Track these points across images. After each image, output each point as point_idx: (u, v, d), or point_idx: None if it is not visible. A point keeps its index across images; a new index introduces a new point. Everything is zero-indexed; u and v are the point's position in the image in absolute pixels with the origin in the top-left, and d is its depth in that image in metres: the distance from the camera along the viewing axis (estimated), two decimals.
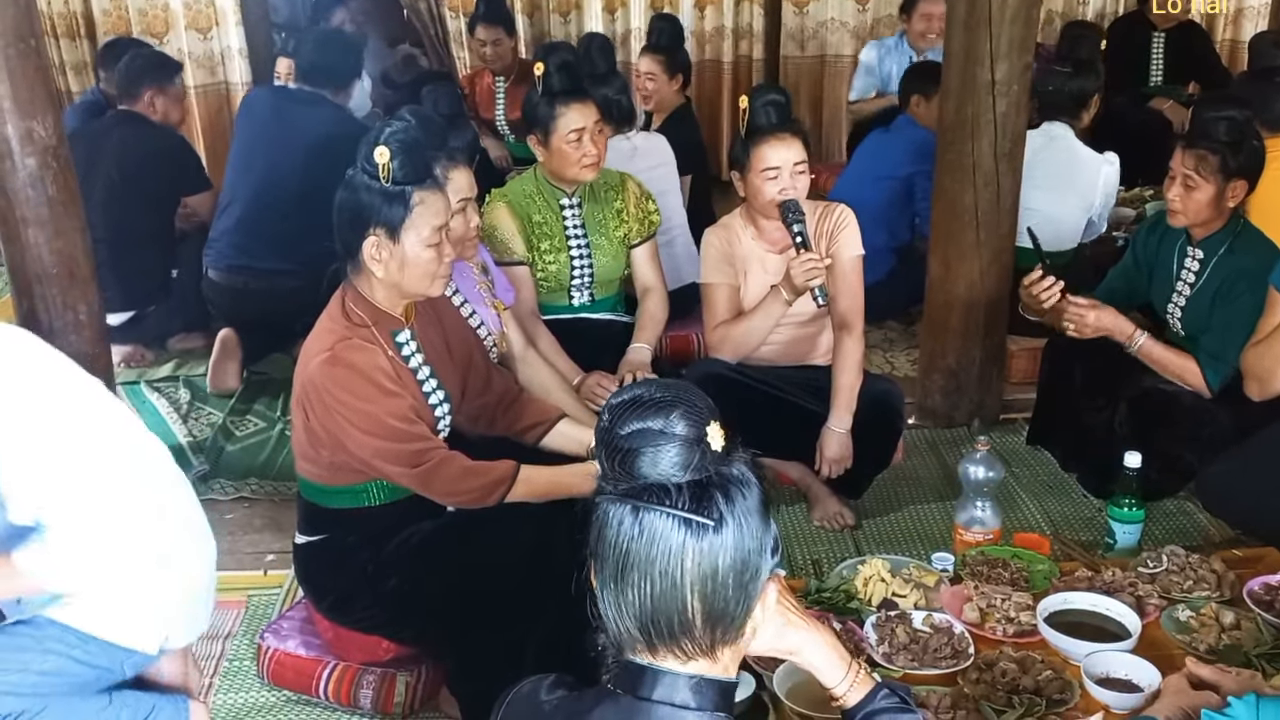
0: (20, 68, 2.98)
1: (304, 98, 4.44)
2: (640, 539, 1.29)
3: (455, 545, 2.46)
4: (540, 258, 3.43)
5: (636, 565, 1.30)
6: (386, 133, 2.34)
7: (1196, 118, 3.14)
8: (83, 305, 3.26)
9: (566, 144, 3.32)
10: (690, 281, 4.10)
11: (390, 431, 2.37)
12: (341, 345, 2.37)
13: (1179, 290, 3.27)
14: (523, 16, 6.74)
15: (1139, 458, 2.72)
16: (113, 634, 2.23)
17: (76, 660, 2.19)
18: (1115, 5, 7.00)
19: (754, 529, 1.32)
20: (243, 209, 4.29)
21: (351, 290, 2.45)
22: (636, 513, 1.30)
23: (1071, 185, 4.17)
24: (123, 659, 2.26)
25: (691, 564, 1.29)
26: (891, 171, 4.71)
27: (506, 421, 2.75)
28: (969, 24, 3.44)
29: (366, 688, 2.60)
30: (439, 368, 2.58)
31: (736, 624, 1.35)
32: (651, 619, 1.31)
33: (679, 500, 1.29)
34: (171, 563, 2.30)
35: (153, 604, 2.28)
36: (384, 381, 2.37)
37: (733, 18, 6.92)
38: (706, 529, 1.29)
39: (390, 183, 2.32)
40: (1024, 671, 2.13)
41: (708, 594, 1.30)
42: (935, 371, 3.90)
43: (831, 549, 3.19)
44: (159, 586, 2.28)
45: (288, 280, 4.08)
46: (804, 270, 2.96)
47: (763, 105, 3.02)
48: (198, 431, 3.97)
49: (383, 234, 2.35)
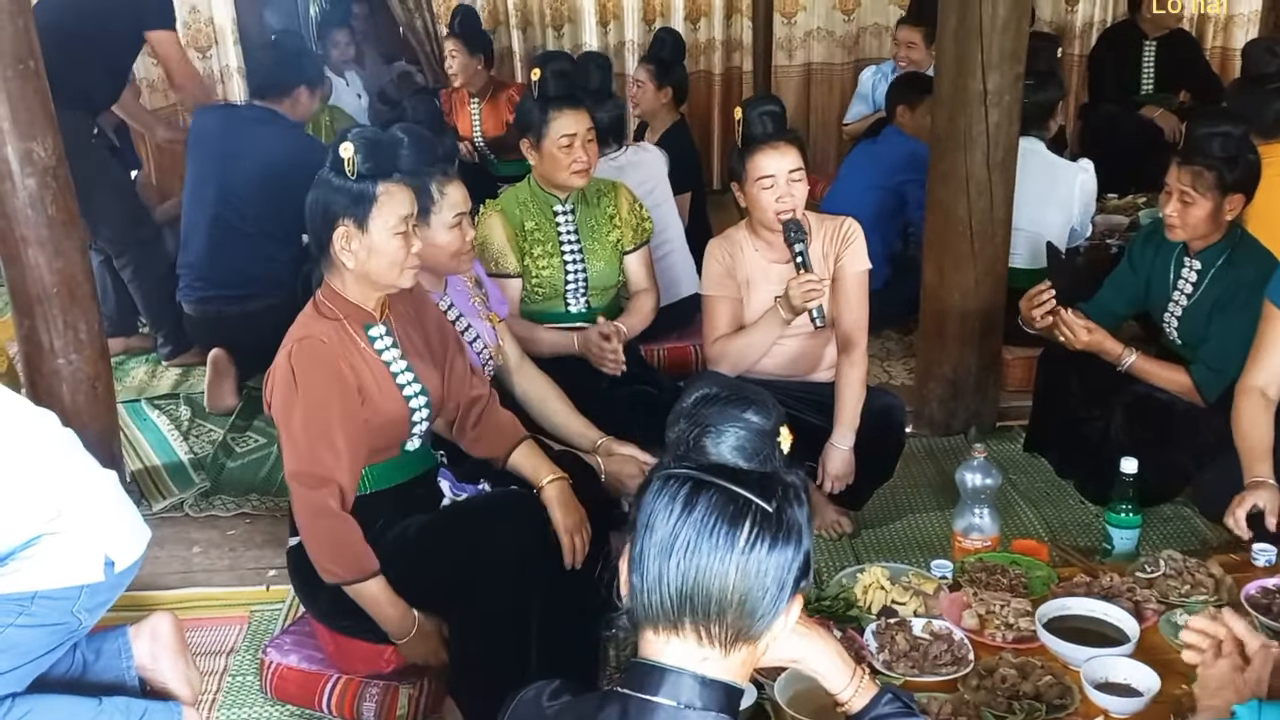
0: (19, 89, 3.00)
1: (253, 115, 4.40)
2: (697, 510, 1.32)
3: (454, 538, 2.48)
4: (534, 264, 3.46)
5: (689, 538, 1.32)
6: (353, 132, 2.45)
7: (1191, 133, 3.15)
8: (83, 325, 3.27)
9: (558, 149, 3.37)
10: (688, 295, 4.14)
11: (295, 436, 2.41)
12: (303, 339, 2.44)
13: (1176, 300, 3.30)
14: (517, 31, 6.78)
15: (1135, 463, 2.73)
16: (49, 580, 2.20)
17: (24, 626, 2.18)
18: (1105, 14, 7.05)
19: (801, 536, 1.35)
20: (202, 239, 4.26)
21: (325, 287, 2.52)
22: (700, 487, 1.33)
23: (1051, 197, 4.20)
24: (70, 606, 2.23)
25: (744, 544, 1.31)
26: (882, 181, 4.75)
27: (473, 436, 2.78)
28: (960, 35, 3.47)
29: (370, 700, 2.61)
30: (417, 365, 2.61)
31: (763, 622, 1.35)
32: (691, 594, 1.32)
33: (745, 481, 1.33)
34: (77, 485, 2.30)
35: (75, 530, 2.26)
36: (317, 389, 2.41)
37: (723, 30, 6.97)
38: (767, 515, 1.32)
39: (356, 177, 2.41)
40: (1024, 677, 2.14)
41: (750, 576, 1.32)
42: (932, 380, 3.92)
43: (830, 557, 3.21)
44: (76, 511, 2.26)
45: (260, 301, 4.09)
46: (803, 291, 2.97)
47: (758, 115, 3.04)
48: (199, 448, 3.99)
49: (351, 224, 2.43)
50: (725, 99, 7.08)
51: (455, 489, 2.70)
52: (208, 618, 3.05)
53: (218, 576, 3.24)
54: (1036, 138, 4.19)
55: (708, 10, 6.96)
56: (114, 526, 2.37)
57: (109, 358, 3.49)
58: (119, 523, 2.39)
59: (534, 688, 1.51)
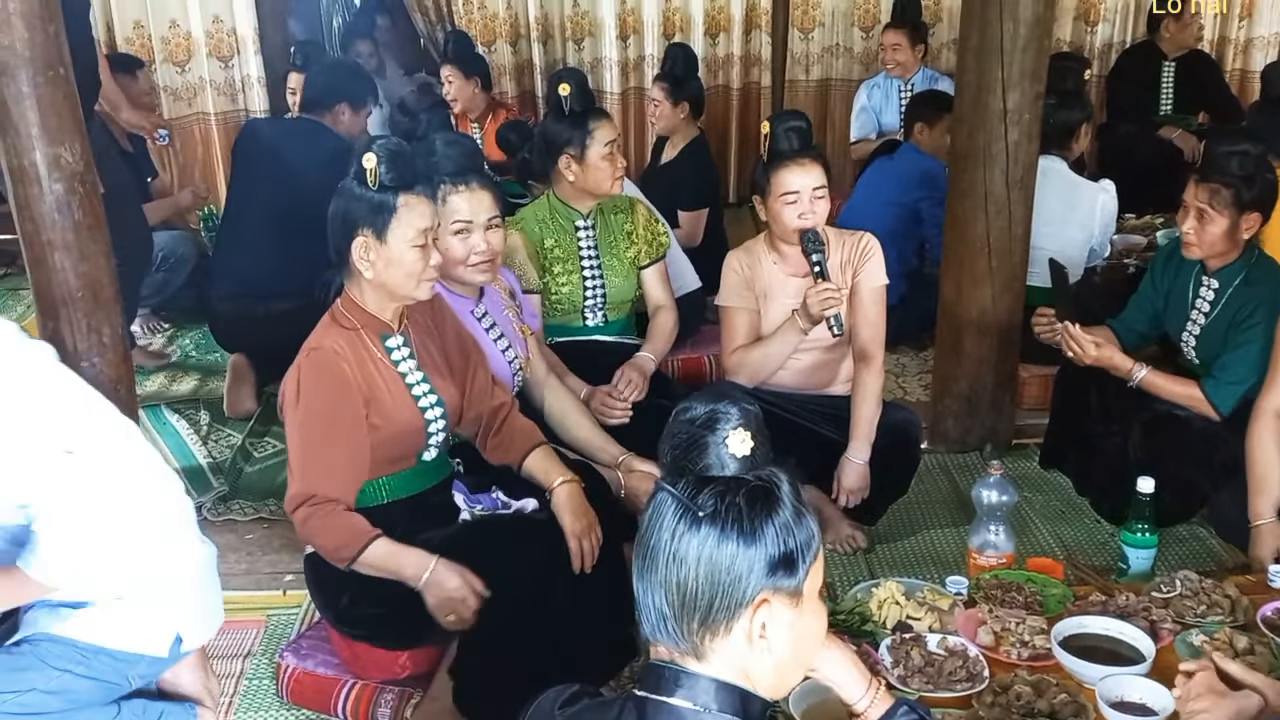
0: (49, 95, 3.03)
1: (296, 126, 4.48)
2: (651, 516, 1.39)
3: (478, 550, 2.48)
4: (554, 280, 3.48)
5: (643, 539, 1.39)
6: (376, 143, 2.45)
7: (1209, 151, 3.17)
8: (106, 328, 3.29)
9: (603, 158, 3.40)
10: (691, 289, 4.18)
11: (293, 451, 2.44)
12: (317, 348, 2.45)
13: (1193, 319, 3.31)
14: (538, 44, 6.82)
15: (1152, 483, 2.73)
16: (118, 641, 2.23)
17: (81, 676, 2.20)
18: (1124, 35, 7.05)
19: (743, 537, 1.34)
20: (239, 239, 4.33)
21: (344, 296, 2.54)
22: (658, 494, 1.39)
23: (1072, 217, 4.21)
24: (127, 670, 2.26)
25: (671, 546, 1.36)
26: (898, 197, 4.76)
27: (493, 444, 2.80)
28: (980, 52, 3.49)
29: (384, 706, 2.62)
30: (434, 377, 2.62)
31: (714, 622, 1.36)
32: (644, 596, 1.39)
33: (683, 487, 1.37)
34: (170, 557, 2.31)
35: (156, 601, 2.28)
36: (319, 404, 2.42)
37: (742, 45, 7.00)
38: (693, 518, 1.35)
39: (377, 187, 2.42)
40: (1039, 695, 2.14)
41: (680, 579, 1.35)
42: (948, 396, 3.92)
43: (845, 572, 3.21)
44: (160, 583, 2.28)
45: (285, 302, 4.08)
46: (820, 299, 2.99)
47: (784, 130, 3.06)
48: (217, 453, 4.01)
49: (370, 235, 2.44)
50: (743, 114, 7.10)
51: (469, 501, 2.71)
52: (224, 621, 3.05)
53: (235, 580, 3.25)
54: (1058, 157, 4.20)
55: (727, 25, 6.98)
56: (195, 606, 2.40)
57: (131, 361, 3.51)
58: (201, 603, 2.42)
59: (550, 693, 1.52)
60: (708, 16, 6.94)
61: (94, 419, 2.28)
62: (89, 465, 2.16)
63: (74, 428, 2.19)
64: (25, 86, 2.95)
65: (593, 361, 3.44)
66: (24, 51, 2.93)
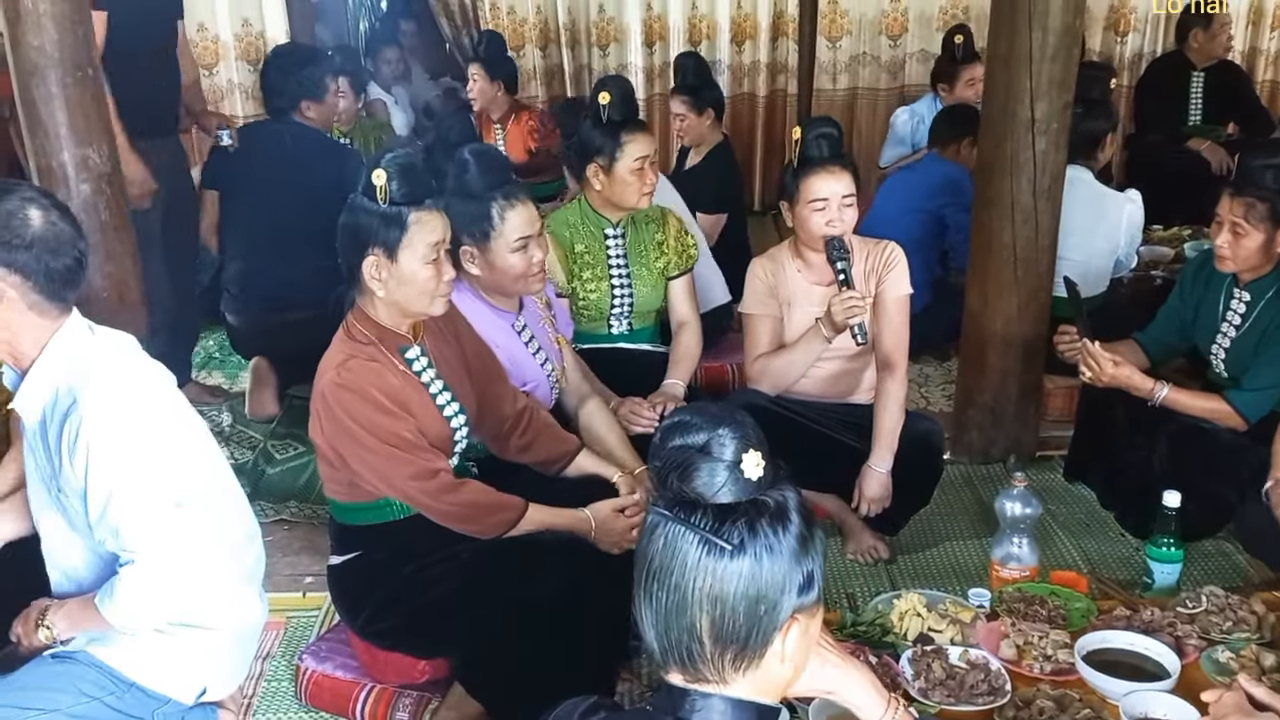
0: (77, 96, 3.05)
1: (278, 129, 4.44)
2: (664, 550, 1.33)
3: (510, 565, 2.48)
4: (582, 286, 3.47)
5: (657, 575, 1.33)
6: (386, 158, 2.42)
7: (1244, 165, 3.13)
8: (131, 329, 3.30)
9: (631, 173, 3.37)
10: (720, 303, 4.15)
11: (390, 448, 2.42)
12: (346, 364, 2.43)
13: (1224, 332, 3.27)
14: (566, 49, 6.83)
15: (1178, 497, 2.71)
16: (154, 680, 2.25)
17: (109, 707, 2.20)
18: (1154, 45, 7.00)
19: (777, 563, 1.32)
20: (244, 250, 4.34)
21: (357, 310, 2.52)
22: (665, 524, 1.33)
23: (1098, 227, 4.17)
24: (153, 709, 2.27)
25: (703, 583, 1.31)
26: (921, 204, 4.74)
27: (519, 444, 2.80)
28: (1009, 62, 3.47)
29: (403, 711, 2.62)
30: (454, 384, 2.62)
31: (750, 652, 1.34)
32: (664, 631, 1.34)
33: (702, 519, 1.31)
34: (230, 614, 2.34)
35: (199, 650, 2.31)
36: (384, 401, 2.42)
37: (768, 52, 6.99)
38: (723, 552, 1.30)
39: (388, 204, 2.39)
40: (1061, 710, 2.12)
41: (716, 616, 1.31)
42: (972, 407, 3.90)
43: (866, 583, 3.19)
44: (211, 634, 2.31)
45: (301, 311, 4.08)
46: (844, 307, 2.97)
47: (815, 137, 3.05)
48: (239, 455, 4.02)
49: (381, 254, 2.41)
50: (769, 121, 7.10)
51: None
52: None
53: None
54: (1085, 167, 4.17)
55: (753, 33, 6.98)
56: (230, 661, 2.41)
57: None
58: (235, 659, 2.43)
59: (568, 704, 1.51)
60: (734, 23, 6.94)
61: (204, 467, 2.28)
62: (191, 521, 2.17)
63: (187, 478, 2.20)
64: (54, 87, 2.98)
65: (617, 369, 3.44)
66: (54, 53, 2.96)
